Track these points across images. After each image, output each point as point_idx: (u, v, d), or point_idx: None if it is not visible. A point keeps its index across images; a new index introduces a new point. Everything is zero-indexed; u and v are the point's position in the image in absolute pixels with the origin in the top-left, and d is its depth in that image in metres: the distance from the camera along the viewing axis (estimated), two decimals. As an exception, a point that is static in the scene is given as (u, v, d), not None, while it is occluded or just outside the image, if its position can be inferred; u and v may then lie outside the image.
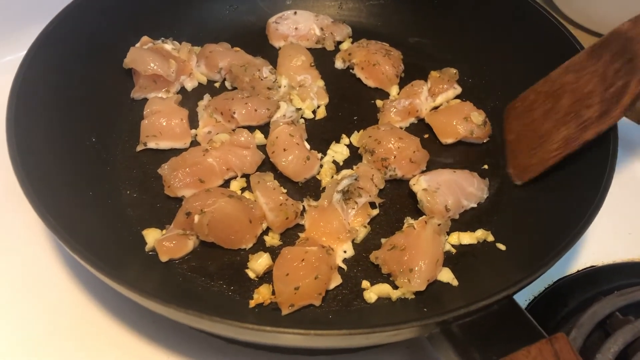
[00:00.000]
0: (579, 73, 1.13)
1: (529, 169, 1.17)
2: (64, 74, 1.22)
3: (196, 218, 1.05)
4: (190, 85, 1.38)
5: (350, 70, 1.43)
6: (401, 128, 1.29)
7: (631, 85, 1.01)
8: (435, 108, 1.34)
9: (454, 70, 1.38)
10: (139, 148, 1.23)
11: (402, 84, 1.38)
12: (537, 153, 1.15)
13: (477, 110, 1.28)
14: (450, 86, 1.35)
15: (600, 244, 1.21)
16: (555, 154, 1.12)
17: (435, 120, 1.30)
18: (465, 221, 1.16)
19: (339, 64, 1.44)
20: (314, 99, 1.34)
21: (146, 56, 1.30)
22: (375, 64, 1.38)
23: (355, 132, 1.29)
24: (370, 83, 1.40)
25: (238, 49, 1.42)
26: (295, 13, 1.50)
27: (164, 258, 1.06)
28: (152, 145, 1.23)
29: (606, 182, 1.02)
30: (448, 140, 1.27)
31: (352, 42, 1.48)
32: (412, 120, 1.33)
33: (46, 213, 0.93)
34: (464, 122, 1.26)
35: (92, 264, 0.88)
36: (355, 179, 1.14)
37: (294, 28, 1.48)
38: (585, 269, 1.19)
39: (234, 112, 1.26)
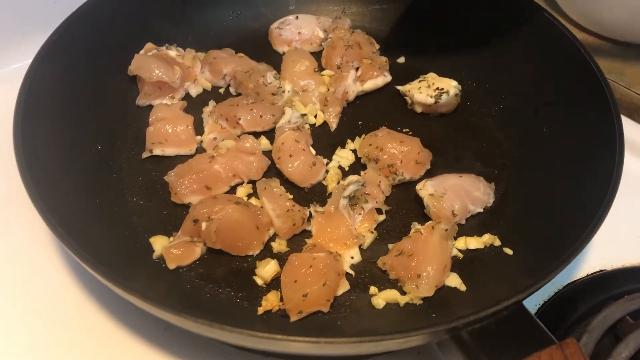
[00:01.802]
0: None
1: None
2: (69, 81, 1.22)
3: (204, 225, 1.05)
4: (195, 91, 1.38)
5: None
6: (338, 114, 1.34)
7: None
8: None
9: (384, 59, 1.43)
10: (145, 155, 1.23)
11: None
12: None
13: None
14: (380, 73, 1.39)
15: (610, 248, 1.21)
16: None
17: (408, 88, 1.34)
18: (472, 226, 1.16)
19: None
20: (316, 104, 1.34)
21: (151, 63, 1.30)
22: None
23: (358, 137, 1.29)
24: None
25: (242, 54, 1.42)
26: (297, 18, 1.50)
27: (171, 265, 1.06)
28: (157, 152, 1.23)
29: (613, 186, 1.02)
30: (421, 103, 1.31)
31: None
32: (344, 104, 1.36)
33: (56, 223, 0.93)
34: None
35: (103, 274, 0.88)
36: (362, 185, 1.14)
37: (297, 33, 1.48)
38: (594, 273, 1.18)
39: (239, 119, 1.26)
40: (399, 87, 1.36)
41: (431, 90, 1.32)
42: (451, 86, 1.32)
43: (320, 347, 0.84)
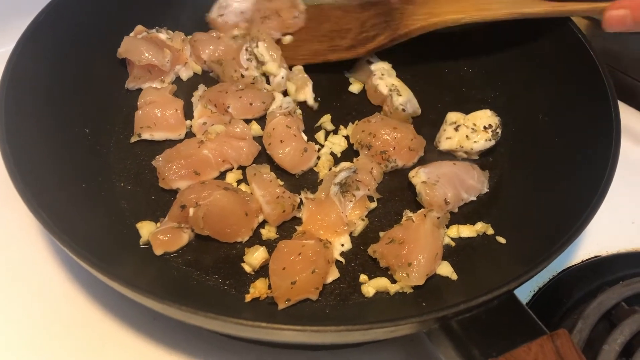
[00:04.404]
0: (345, 13, 1.40)
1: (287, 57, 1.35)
2: (56, 64, 1.19)
3: (191, 211, 1.04)
4: (185, 75, 1.35)
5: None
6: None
7: (380, 37, 1.29)
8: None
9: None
10: (133, 139, 1.21)
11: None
12: (296, 50, 1.38)
13: None
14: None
15: (604, 234, 1.19)
16: (301, 59, 1.36)
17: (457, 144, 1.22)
18: (464, 214, 1.14)
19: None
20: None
21: (140, 46, 1.28)
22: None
23: (351, 123, 1.27)
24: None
25: (221, 34, 1.38)
26: None
27: (158, 251, 1.04)
28: (146, 136, 1.21)
29: (609, 174, 1.00)
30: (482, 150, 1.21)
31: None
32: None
33: (38, 208, 0.91)
34: None
35: (85, 260, 0.86)
36: (354, 172, 1.12)
37: (240, 13, 1.42)
38: (589, 259, 1.18)
39: (228, 106, 1.24)
40: (444, 148, 1.23)
41: (482, 133, 1.20)
42: (492, 118, 1.21)
43: (308, 336, 0.82)
